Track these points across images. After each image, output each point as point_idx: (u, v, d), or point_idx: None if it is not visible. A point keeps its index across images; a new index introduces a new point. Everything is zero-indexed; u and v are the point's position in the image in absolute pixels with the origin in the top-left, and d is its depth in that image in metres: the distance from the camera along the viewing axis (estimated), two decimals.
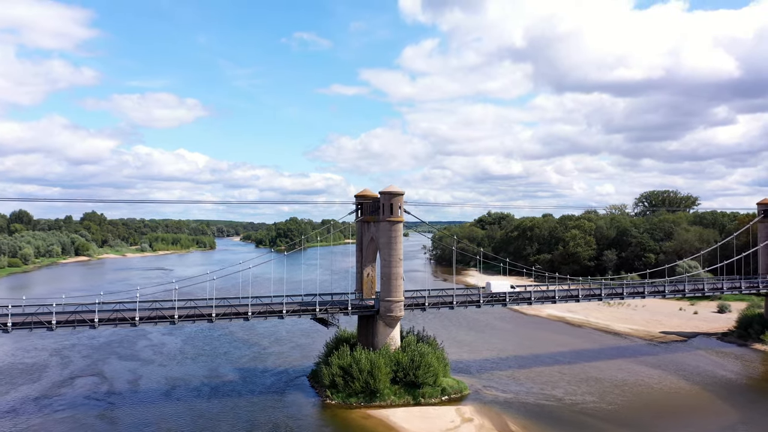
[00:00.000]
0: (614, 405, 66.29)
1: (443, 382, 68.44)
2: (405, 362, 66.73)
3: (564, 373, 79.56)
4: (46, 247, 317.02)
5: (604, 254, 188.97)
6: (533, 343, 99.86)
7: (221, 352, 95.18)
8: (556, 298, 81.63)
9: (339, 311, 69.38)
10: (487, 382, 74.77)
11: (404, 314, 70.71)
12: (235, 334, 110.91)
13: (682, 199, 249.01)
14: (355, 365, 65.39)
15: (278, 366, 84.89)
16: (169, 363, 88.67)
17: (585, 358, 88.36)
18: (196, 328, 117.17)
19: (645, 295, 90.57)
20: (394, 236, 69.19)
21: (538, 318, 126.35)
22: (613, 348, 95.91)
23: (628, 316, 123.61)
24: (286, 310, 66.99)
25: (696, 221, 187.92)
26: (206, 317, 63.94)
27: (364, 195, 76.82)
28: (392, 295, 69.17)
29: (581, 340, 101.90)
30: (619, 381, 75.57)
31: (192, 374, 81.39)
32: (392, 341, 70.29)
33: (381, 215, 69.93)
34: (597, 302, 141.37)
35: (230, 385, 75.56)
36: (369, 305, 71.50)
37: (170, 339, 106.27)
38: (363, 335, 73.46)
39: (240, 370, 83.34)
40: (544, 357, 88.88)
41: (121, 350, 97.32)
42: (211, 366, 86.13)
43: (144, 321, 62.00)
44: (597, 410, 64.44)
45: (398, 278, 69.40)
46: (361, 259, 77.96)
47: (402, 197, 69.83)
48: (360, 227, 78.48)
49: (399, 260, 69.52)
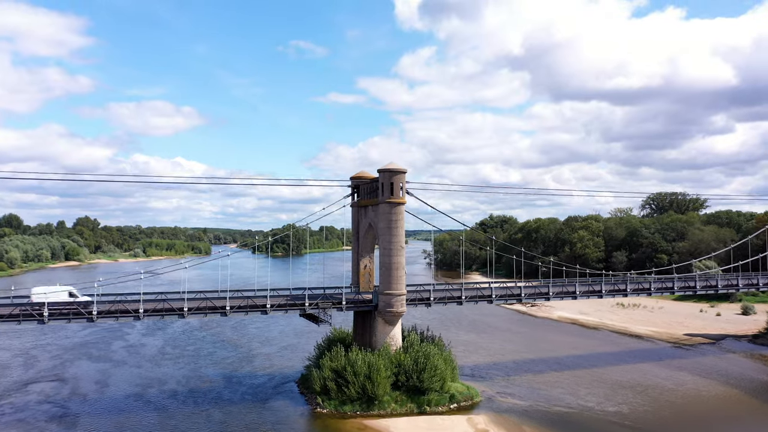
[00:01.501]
0: (646, 412, 57.48)
1: (451, 387, 59.56)
2: (407, 364, 57.93)
3: (585, 377, 70.73)
4: (35, 251, 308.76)
5: (614, 255, 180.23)
6: (548, 345, 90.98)
7: (204, 353, 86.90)
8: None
9: (331, 306, 60.53)
10: (501, 388, 65.89)
11: (406, 310, 61.90)
12: (222, 334, 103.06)
13: (690, 201, 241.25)
14: (349, 368, 56.58)
15: (265, 369, 76.19)
16: (144, 364, 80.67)
17: (607, 361, 79.50)
18: (180, 328, 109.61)
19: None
20: (395, 220, 60.47)
21: (549, 320, 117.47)
22: (636, 351, 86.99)
23: (645, 317, 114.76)
24: (271, 305, 58.12)
25: (709, 221, 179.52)
26: (177, 312, 55.09)
27: (361, 176, 68.28)
28: (393, 287, 60.37)
29: (599, 343, 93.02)
30: (648, 386, 66.75)
31: (167, 376, 73.37)
32: (393, 341, 61.46)
33: (380, 196, 61.25)
34: (611, 304, 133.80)
35: (208, 389, 66.86)
36: (366, 299, 62.73)
37: (150, 340, 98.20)
38: (359, 334, 64.65)
39: (222, 373, 74.68)
40: (561, 360, 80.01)
41: (95, 351, 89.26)
42: (190, 368, 77.80)
43: (103, 316, 53.18)
44: (628, 418, 55.66)
45: (400, 268, 60.66)
46: (357, 249, 69.24)
47: (404, 176, 61.19)
48: (356, 213, 69.84)
49: (401, 248, 60.79)
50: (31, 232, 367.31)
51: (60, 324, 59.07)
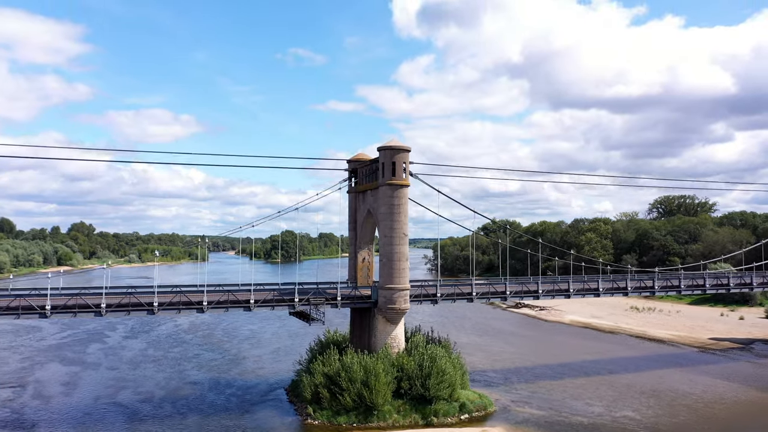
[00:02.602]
0: (681, 422, 50.09)
1: (462, 395, 52.08)
2: (411, 369, 50.53)
3: (608, 384, 63.27)
4: (26, 256, 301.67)
5: (623, 258, 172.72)
6: (563, 351, 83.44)
7: (190, 356, 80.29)
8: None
9: (325, 302, 53.14)
10: (517, 396, 58.40)
11: (410, 307, 54.51)
12: (212, 336, 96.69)
13: (698, 205, 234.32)
14: (344, 373, 49.16)
15: (253, 373, 69.11)
16: (121, 366, 74.37)
17: (629, 367, 72.01)
18: (168, 330, 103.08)
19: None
20: (397, 204, 53.18)
21: (561, 325, 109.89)
22: (660, 356, 79.48)
23: (663, 321, 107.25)
24: (255, 300, 50.71)
25: (723, 223, 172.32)
26: (145, 308, 47.70)
27: (359, 159, 61.12)
28: (395, 281, 53.01)
29: (619, 347, 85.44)
30: (680, 394, 59.38)
31: (144, 379, 67.19)
32: (394, 342, 54.03)
33: (380, 178, 54.00)
34: (625, 308, 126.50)
35: (187, 393, 60.00)
36: (365, 295, 55.33)
37: (132, 342, 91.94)
38: (357, 335, 57.29)
39: (205, 376, 67.80)
40: (579, 366, 72.51)
41: (69, 353, 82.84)
42: (171, 371, 71.39)
43: (58, 311, 45.78)
44: (661, 429, 48.22)
45: (402, 259, 53.32)
46: (355, 241, 61.93)
47: (407, 155, 53.97)
48: (353, 200, 62.62)
49: (404, 236, 53.47)
50: (24, 237, 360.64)
51: (8, 320, 51.87)
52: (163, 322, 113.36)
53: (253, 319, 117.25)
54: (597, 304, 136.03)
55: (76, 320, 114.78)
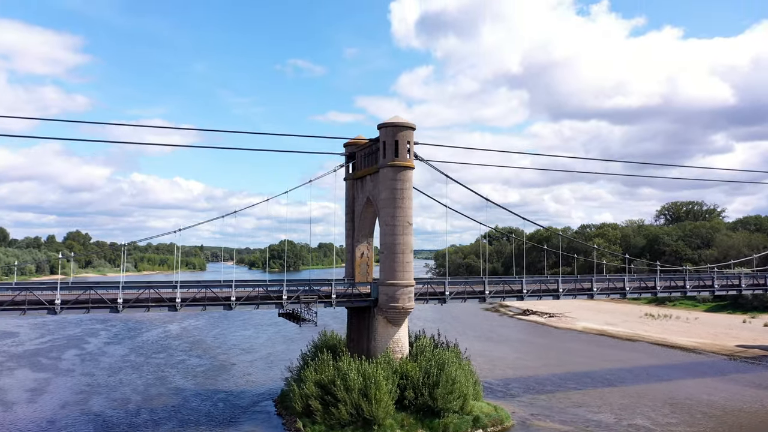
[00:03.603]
0: None
1: (475, 408, 45.27)
2: (416, 377, 43.82)
3: (634, 394, 56.48)
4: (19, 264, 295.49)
5: (634, 264, 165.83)
6: (580, 359, 76.57)
7: (173, 362, 74.33)
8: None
9: (317, 301, 46.50)
10: (535, 408, 51.57)
11: (414, 306, 47.85)
12: (202, 342, 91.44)
13: (706, 211, 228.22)
14: (340, 381, 42.42)
15: (240, 382, 62.70)
16: (97, 372, 68.27)
17: (655, 376, 65.22)
18: (156, 335, 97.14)
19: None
20: (401, 188, 46.69)
21: (573, 332, 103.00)
22: (687, 364, 72.66)
23: (684, 328, 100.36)
24: (237, 297, 44.10)
25: (736, 227, 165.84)
26: (108, 305, 41.09)
27: (357, 142, 54.74)
28: (397, 276, 46.41)
29: (641, 355, 78.56)
30: (717, 405, 52.64)
31: (121, 385, 61.41)
32: (397, 346, 47.29)
33: (381, 159, 47.55)
34: (639, 315, 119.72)
35: (166, 402, 54.12)
36: (363, 293, 48.70)
37: (114, 348, 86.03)
38: (354, 339, 50.64)
39: (187, 385, 61.54)
40: (599, 375, 65.73)
41: (44, 359, 76.81)
42: (152, 377, 65.41)
43: (5, 308, 39.21)
44: None
45: (406, 251, 46.75)
46: (352, 233, 55.38)
47: (412, 133, 47.60)
48: (351, 187, 56.16)
49: (408, 225, 46.93)
50: (18, 245, 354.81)
51: None
52: (151, 328, 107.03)
53: (247, 324, 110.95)
54: (609, 311, 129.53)
55: (56, 326, 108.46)
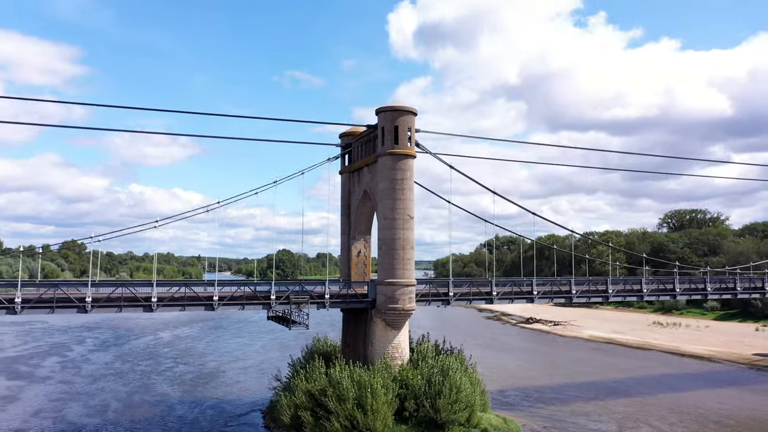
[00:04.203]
0: None
1: (483, 420, 41.02)
2: (418, 385, 39.60)
3: (652, 405, 52.22)
4: (11, 273, 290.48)
5: (638, 272, 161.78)
6: (590, 368, 72.31)
7: (160, 370, 70.54)
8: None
9: (309, 302, 42.34)
10: (546, 420, 47.28)
11: (416, 308, 43.71)
12: (192, 349, 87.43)
13: (710, 219, 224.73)
14: (332, 390, 38.19)
15: (229, 391, 58.74)
16: (76, 380, 64.34)
17: (673, 386, 60.97)
18: (144, 342, 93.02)
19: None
20: (401, 178, 42.70)
21: (579, 340, 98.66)
22: (705, 373, 68.47)
23: (695, 337, 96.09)
24: (220, 297, 39.95)
25: (743, 234, 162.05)
26: (75, 305, 36.92)
27: (353, 132, 50.86)
28: (397, 274, 42.31)
29: (654, 364, 74.29)
30: (742, 416, 48.34)
31: (101, 392, 57.77)
32: (397, 352, 43.08)
33: (379, 147, 43.61)
34: (647, 323, 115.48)
35: (147, 412, 50.24)
36: (359, 294, 44.56)
37: (98, 355, 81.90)
38: (350, 344, 46.48)
39: (173, 393, 57.68)
40: (615, 385, 61.48)
41: (22, 366, 72.73)
42: (136, 385, 61.31)
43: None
44: None
45: (407, 247, 42.68)
46: (348, 230, 51.34)
47: (413, 119, 43.74)
48: (347, 181, 52.21)
49: (408, 218, 42.90)
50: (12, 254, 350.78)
51: None
52: (141, 335, 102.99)
53: (242, 331, 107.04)
54: (615, 319, 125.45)
55: (43, 332, 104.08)
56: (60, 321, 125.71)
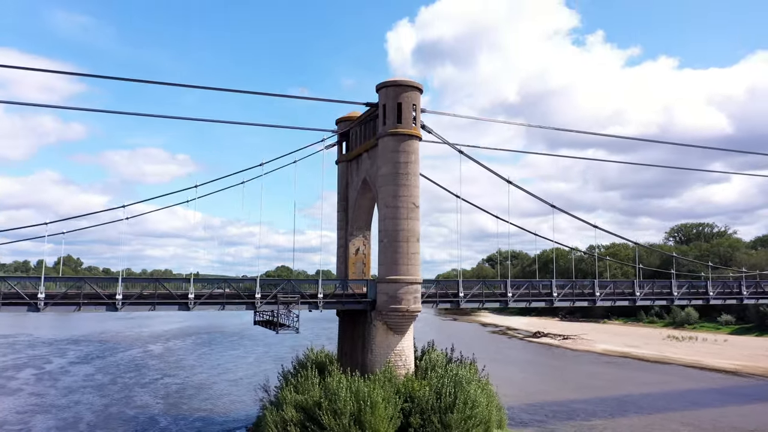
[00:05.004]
0: None
1: None
2: (425, 398, 34.13)
3: (686, 423, 46.64)
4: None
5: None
6: (608, 382, 66.70)
7: (144, 382, 65.62)
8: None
9: (299, 301, 37.06)
10: None
11: (421, 309, 38.44)
12: (183, 361, 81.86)
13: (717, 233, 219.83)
14: (327, 403, 32.76)
15: (214, 405, 53.59)
16: (49, 392, 59.21)
17: (703, 402, 55.41)
18: (131, 356, 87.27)
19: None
20: (405, 161, 37.63)
21: (592, 354, 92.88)
22: (736, 389, 62.87)
23: (716, 350, 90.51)
24: (194, 295, 34.67)
25: (755, 246, 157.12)
26: (26, 302, 31.76)
27: (351, 118, 45.93)
28: (401, 270, 37.06)
29: (677, 379, 68.68)
30: None
31: (75, 405, 53.17)
32: (400, 360, 37.65)
33: (380, 126, 38.63)
34: (662, 337, 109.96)
35: (122, 428, 43.96)
36: (357, 294, 39.26)
37: (79, 368, 76.16)
38: (347, 351, 41.11)
39: (153, 408, 52.70)
40: (636, 400, 55.91)
41: None
42: (113, 399, 56.12)
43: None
44: None
45: (412, 239, 37.50)
46: (345, 225, 46.18)
47: (419, 96, 38.76)
48: (344, 170, 47.14)
49: (413, 207, 37.76)
50: (6, 269, 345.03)
51: None
52: (129, 348, 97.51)
53: (236, 344, 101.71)
54: (626, 334, 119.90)
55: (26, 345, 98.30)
56: (47, 333, 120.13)
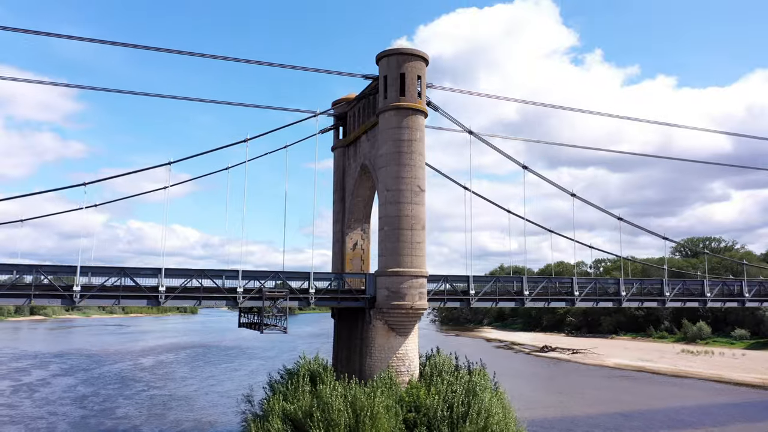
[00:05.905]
0: None
1: None
2: (432, 407, 29.41)
3: None
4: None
5: None
6: (625, 396, 61.79)
7: (128, 394, 61.19)
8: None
9: (287, 296, 32.50)
10: None
11: (428, 307, 33.86)
12: (173, 373, 77.18)
13: (724, 248, 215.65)
14: (319, 413, 28.07)
15: (200, 418, 49.25)
16: (25, 403, 55.19)
17: (734, 417, 50.52)
18: (119, 368, 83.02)
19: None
20: (408, 139, 33.27)
21: (605, 368, 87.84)
22: (758, 403, 58.01)
23: (735, 364, 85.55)
24: (165, 288, 30.14)
25: (767, 259, 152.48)
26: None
27: (348, 99, 41.73)
28: (404, 262, 32.52)
29: (697, 393, 63.81)
30: None
31: (50, 417, 49.02)
32: (403, 365, 32.96)
33: (381, 100, 34.35)
34: (675, 351, 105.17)
35: None
36: (355, 290, 34.65)
37: (61, 379, 71.72)
38: (343, 355, 36.43)
39: (135, 420, 48.99)
40: (659, 415, 51.11)
41: None
42: (91, 411, 52.13)
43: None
44: None
45: (417, 227, 33.02)
46: (342, 217, 41.72)
47: (424, 66, 34.57)
48: (340, 157, 42.80)
49: (418, 190, 33.34)
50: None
51: None
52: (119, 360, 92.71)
53: (232, 357, 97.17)
54: (637, 348, 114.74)
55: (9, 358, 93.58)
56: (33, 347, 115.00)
